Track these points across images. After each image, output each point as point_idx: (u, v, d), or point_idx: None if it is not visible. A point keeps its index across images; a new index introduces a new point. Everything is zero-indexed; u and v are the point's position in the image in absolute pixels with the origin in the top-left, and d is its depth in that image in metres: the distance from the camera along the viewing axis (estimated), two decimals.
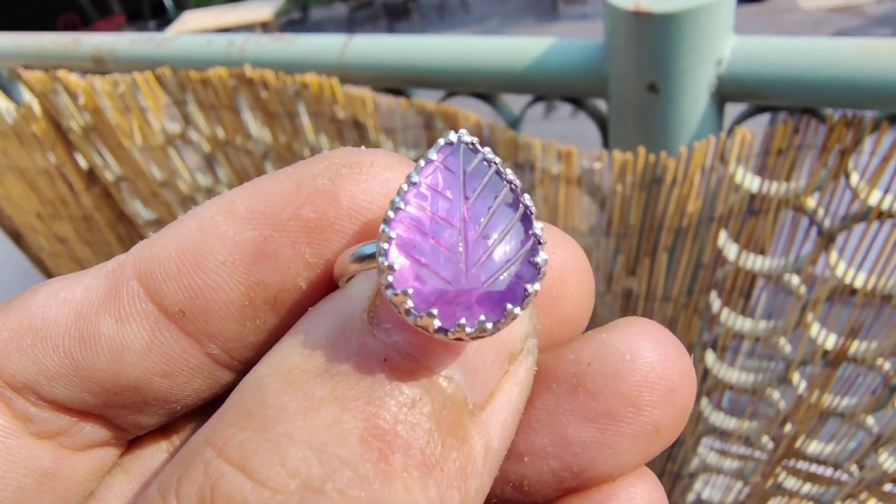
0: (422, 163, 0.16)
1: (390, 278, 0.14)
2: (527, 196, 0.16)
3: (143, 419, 0.17)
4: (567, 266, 0.17)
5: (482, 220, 0.15)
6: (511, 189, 0.16)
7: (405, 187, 0.15)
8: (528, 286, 0.15)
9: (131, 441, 0.18)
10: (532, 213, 0.15)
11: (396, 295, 0.14)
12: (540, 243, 0.15)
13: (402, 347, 0.14)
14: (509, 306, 0.14)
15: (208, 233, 0.16)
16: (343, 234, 0.16)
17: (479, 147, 0.16)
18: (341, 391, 0.14)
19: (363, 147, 0.17)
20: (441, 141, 0.16)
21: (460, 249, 0.15)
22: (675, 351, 0.16)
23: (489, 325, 0.14)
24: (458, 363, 0.14)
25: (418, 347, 0.14)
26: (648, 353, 0.16)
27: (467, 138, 0.16)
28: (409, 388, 0.14)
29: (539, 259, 0.15)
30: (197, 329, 0.16)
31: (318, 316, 0.15)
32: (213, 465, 0.13)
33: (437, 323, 0.14)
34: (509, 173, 0.16)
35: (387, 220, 0.15)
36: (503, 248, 0.15)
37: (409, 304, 0.14)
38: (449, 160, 0.16)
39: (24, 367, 0.16)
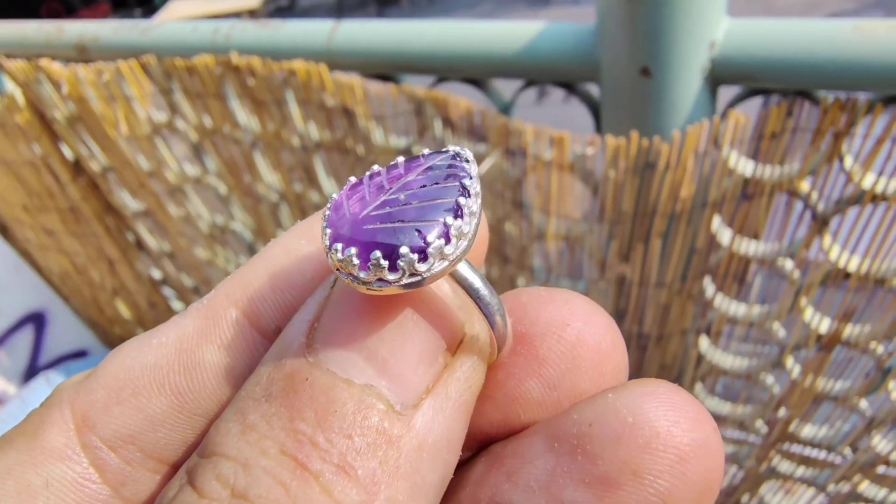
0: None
1: (328, 231, 0.16)
2: (474, 181, 0.16)
3: None
4: (583, 340, 0.17)
5: (409, 187, 0.16)
6: (454, 171, 0.16)
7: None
8: (432, 238, 0.15)
9: None
10: (467, 192, 0.16)
11: (326, 247, 0.16)
12: (461, 214, 0.15)
13: (323, 363, 0.15)
14: (404, 249, 0.15)
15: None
16: None
17: (466, 153, 0.17)
18: (271, 411, 0.15)
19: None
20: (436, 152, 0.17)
21: (377, 200, 0.16)
22: (690, 416, 0.15)
23: (384, 263, 0.15)
24: (379, 370, 0.15)
25: (340, 361, 0.15)
26: (655, 416, 0.15)
27: (456, 149, 0.17)
28: (327, 400, 0.15)
29: (449, 219, 0.15)
30: None
31: (273, 346, 0.16)
32: (180, 486, 0.15)
33: (355, 261, 0.15)
34: (467, 163, 0.16)
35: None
36: (421, 208, 0.15)
37: (326, 242, 0.16)
38: (424, 157, 0.17)
39: (127, 418, 0.16)
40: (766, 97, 0.53)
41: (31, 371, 1.22)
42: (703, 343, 0.68)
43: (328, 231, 0.16)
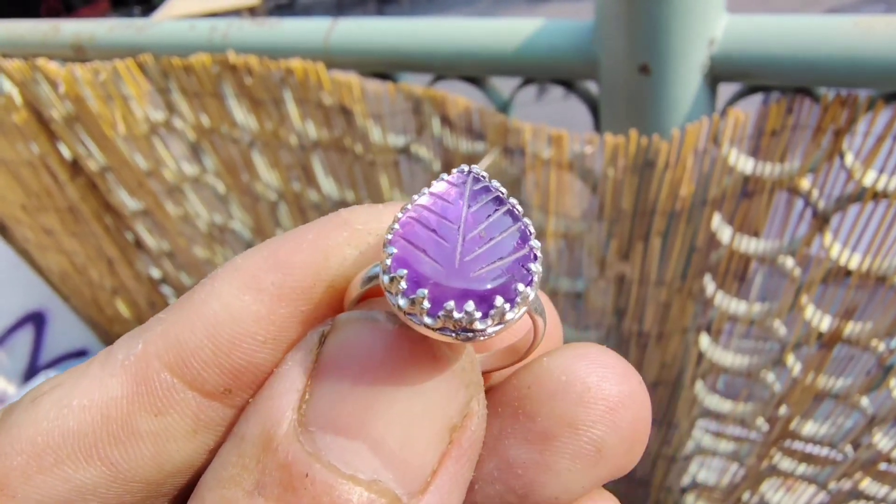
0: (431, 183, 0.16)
1: (388, 261, 0.14)
2: (526, 218, 0.16)
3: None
4: (588, 397, 0.16)
5: (481, 223, 0.15)
6: (511, 207, 0.16)
7: (415, 197, 0.16)
8: (520, 286, 0.15)
9: None
10: (530, 231, 0.16)
11: (392, 278, 0.14)
12: (536, 256, 0.15)
13: (323, 454, 0.14)
14: (499, 300, 0.14)
15: (239, 315, 0.15)
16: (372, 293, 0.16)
17: (486, 178, 0.16)
18: None
19: (379, 205, 0.17)
20: (451, 171, 0.16)
21: (458, 239, 0.15)
22: (617, 371, 0.16)
23: (477, 314, 0.14)
24: (385, 461, 0.14)
25: (342, 451, 0.14)
26: (585, 373, 0.16)
27: (477, 170, 0.16)
28: (331, 501, 0.13)
29: (533, 266, 0.15)
30: (246, 398, 0.16)
31: (253, 414, 0.15)
32: None
33: (426, 304, 0.14)
34: (513, 200, 0.16)
35: (394, 221, 0.15)
36: (499, 247, 0.15)
37: (403, 285, 0.14)
38: (456, 177, 0.16)
39: (51, 488, 0.14)
40: (766, 94, 0.53)
41: (32, 371, 1.22)
42: (704, 341, 0.67)
43: (401, 245, 0.15)
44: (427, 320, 0.14)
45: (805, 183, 0.52)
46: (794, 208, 0.55)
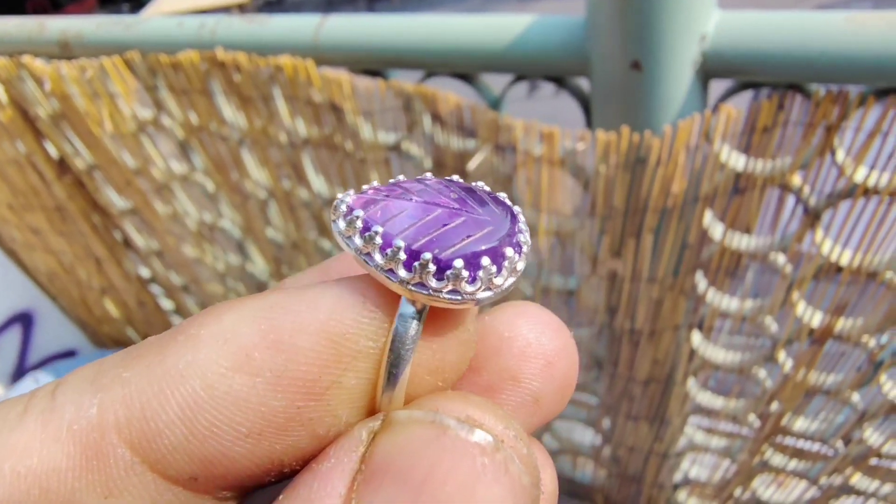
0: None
1: (359, 221, 0.14)
2: (515, 205, 0.16)
3: None
4: (529, 350, 0.16)
5: (467, 203, 0.15)
6: (495, 194, 0.16)
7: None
8: (508, 250, 0.14)
9: None
10: (516, 211, 0.15)
11: (368, 236, 0.13)
12: (523, 230, 0.15)
13: None
14: (486, 259, 0.14)
15: (222, 399, 0.13)
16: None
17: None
18: None
19: None
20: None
21: (439, 211, 0.14)
22: (553, 328, 0.17)
23: (465, 273, 0.13)
24: None
25: None
26: (526, 330, 0.16)
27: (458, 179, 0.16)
28: None
29: (521, 237, 0.15)
30: (210, 486, 0.13)
31: None
32: None
33: (402, 255, 0.13)
34: (502, 194, 0.16)
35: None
36: (483, 222, 0.14)
37: (378, 240, 0.13)
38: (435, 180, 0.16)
39: None
40: (757, 91, 0.53)
41: (20, 371, 1.21)
42: (696, 338, 0.67)
43: (378, 230, 0.14)
44: (402, 273, 0.13)
45: (796, 179, 0.52)
46: (785, 204, 0.55)
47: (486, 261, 0.14)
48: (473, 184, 0.16)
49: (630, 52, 0.50)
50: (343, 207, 0.14)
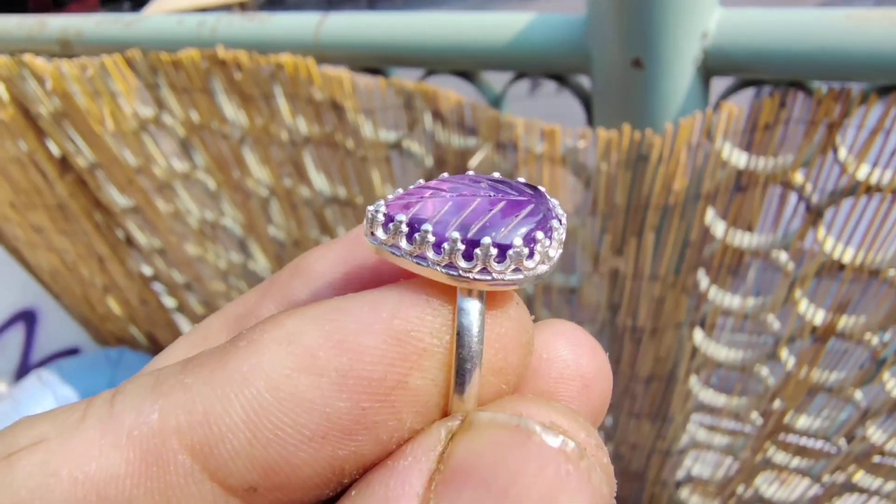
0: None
1: (380, 213, 0.14)
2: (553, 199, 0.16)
3: None
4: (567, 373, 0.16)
5: (500, 189, 0.15)
6: (517, 181, 0.15)
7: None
8: (539, 234, 0.14)
9: None
10: (553, 204, 0.15)
11: (393, 225, 0.14)
12: (558, 216, 0.15)
13: None
14: (518, 240, 0.14)
15: (287, 400, 0.12)
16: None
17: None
18: None
19: None
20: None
21: (473, 203, 0.14)
22: (589, 349, 0.16)
23: (493, 251, 0.13)
24: None
25: None
26: (564, 351, 0.16)
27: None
28: None
29: (554, 223, 0.15)
30: (270, 499, 0.13)
31: None
32: None
33: (430, 238, 0.13)
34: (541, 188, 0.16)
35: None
36: (524, 199, 0.15)
37: (404, 228, 0.13)
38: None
39: None
40: (759, 88, 0.52)
41: (23, 369, 1.22)
42: (698, 336, 0.67)
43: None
44: (462, 264, 0.13)
45: (798, 177, 0.52)
46: (787, 202, 0.55)
47: (539, 234, 0.14)
48: (493, 174, 0.16)
49: (631, 49, 0.50)
50: (381, 217, 0.14)
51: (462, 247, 0.14)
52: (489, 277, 0.14)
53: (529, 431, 0.12)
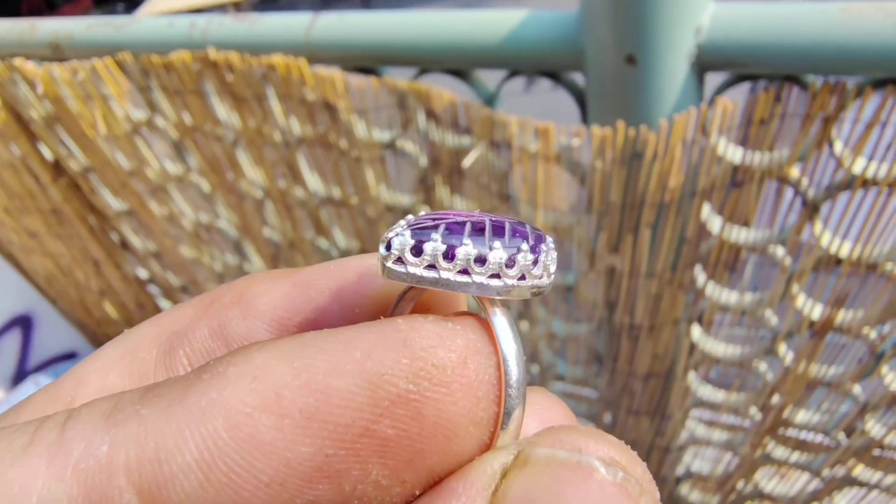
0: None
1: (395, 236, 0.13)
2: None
3: None
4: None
5: (498, 217, 0.15)
6: (524, 222, 0.15)
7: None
8: (523, 245, 0.14)
9: None
10: (543, 234, 0.15)
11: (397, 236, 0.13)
12: (545, 238, 0.15)
13: None
14: (497, 247, 0.13)
15: (246, 441, 0.11)
16: (425, 453, 0.12)
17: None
18: None
19: (452, 324, 0.13)
20: None
21: (468, 228, 0.14)
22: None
23: (473, 252, 0.13)
24: None
25: None
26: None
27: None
28: None
29: (544, 246, 0.15)
30: None
31: None
32: None
33: (439, 243, 0.13)
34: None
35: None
36: (513, 239, 0.14)
37: (407, 236, 0.13)
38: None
39: None
40: (754, 83, 0.52)
41: (20, 375, 1.21)
42: (696, 332, 0.67)
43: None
44: (410, 257, 0.13)
45: (794, 171, 0.52)
46: (783, 197, 0.55)
47: (543, 246, 0.14)
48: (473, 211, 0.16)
49: (624, 45, 0.50)
50: (408, 241, 0.14)
51: (505, 255, 0.13)
52: (529, 283, 0.14)
53: (591, 468, 0.12)
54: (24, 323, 1.21)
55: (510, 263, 0.13)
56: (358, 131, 0.63)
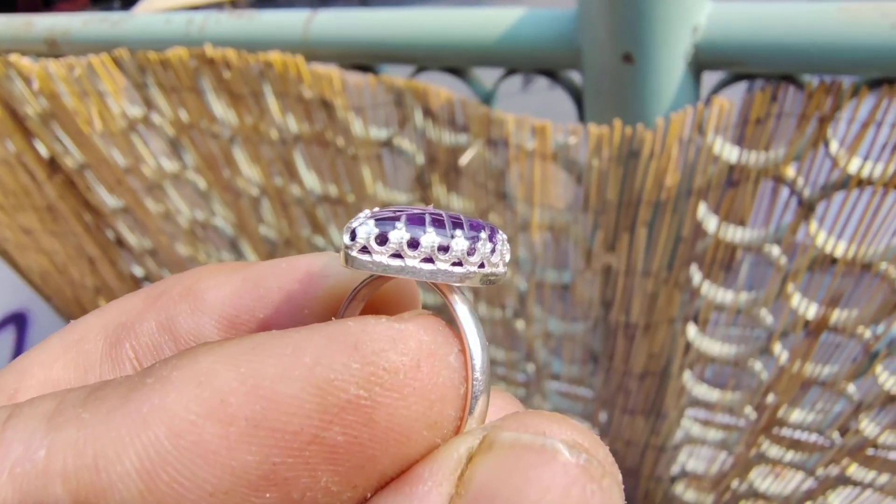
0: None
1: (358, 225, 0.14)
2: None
3: None
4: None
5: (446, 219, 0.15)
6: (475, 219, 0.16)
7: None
8: (482, 234, 0.15)
9: None
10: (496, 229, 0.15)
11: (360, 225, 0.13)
12: (499, 231, 0.15)
13: None
14: (483, 234, 0.14)
15: (189, 450, 0.11)
16: (376, 458, 0.12)
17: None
18: None
19: (404, 324, 0.13)
20: None
21: (427, 218, 0.14)
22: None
23: (464, 240, 0.14)
24: None
25: None
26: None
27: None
28: None
29: (499, 236, 0.15)
30: None
31: None
32: None
33: (403, 232, 0.13)
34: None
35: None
36: (471, 230, 0.15)
37: (371, 225, 0.13)
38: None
39: None
40: (751, 82, 0.52)
41: None
42: (691, 331, 0.67)
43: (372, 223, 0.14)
44: (375, 246, 0.13)
45: (790, 171, 0.52)
46: (779, 196, 0.55)
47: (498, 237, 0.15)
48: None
49: (621, 44, 0.50)
50: (372, 231, 0.14)
51: (466, 243, 0.14)
52: (488, 271, 0.14)
53: (555, 451, 0.12)
54: (18, 320, 1.20)
55: (471, 251, 0.14)
56: (355, 129, 0.63)
